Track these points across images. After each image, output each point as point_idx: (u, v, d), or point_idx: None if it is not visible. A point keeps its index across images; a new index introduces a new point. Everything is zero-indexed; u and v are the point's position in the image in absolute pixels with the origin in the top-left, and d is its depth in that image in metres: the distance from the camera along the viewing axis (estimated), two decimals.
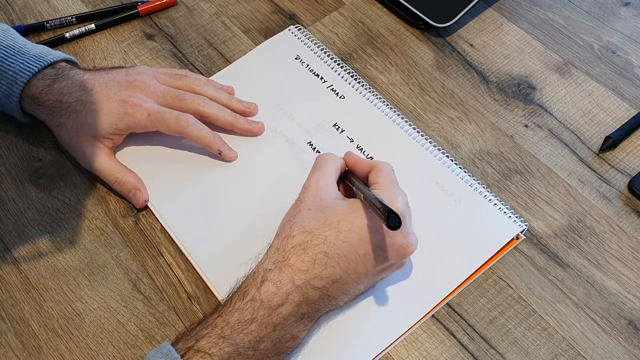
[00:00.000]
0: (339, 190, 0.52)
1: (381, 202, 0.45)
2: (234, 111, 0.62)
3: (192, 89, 0.61)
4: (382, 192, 0.49)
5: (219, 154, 0.59)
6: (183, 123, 0.57)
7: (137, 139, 0.62)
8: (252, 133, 0.62)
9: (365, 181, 0.52)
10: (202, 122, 0.59)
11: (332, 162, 0.52)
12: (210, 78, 0.67)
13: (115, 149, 0.61)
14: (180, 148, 0.62)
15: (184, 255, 0.56)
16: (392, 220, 0.43)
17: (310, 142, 0.62)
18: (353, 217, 0.48)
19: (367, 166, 0.52)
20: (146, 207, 0.59)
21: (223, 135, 0.61)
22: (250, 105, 0.63)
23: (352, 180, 0.52)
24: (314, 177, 0.51)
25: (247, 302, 0.46)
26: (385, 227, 0.44)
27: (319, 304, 0.48)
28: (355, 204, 0.49)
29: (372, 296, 0.52)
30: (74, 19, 0.72)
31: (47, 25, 0.71)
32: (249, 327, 0.45)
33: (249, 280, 0.47)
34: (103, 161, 0.58)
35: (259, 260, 0.49)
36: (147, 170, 0.60)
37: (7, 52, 0.59)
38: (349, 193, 0.53)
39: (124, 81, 0.58)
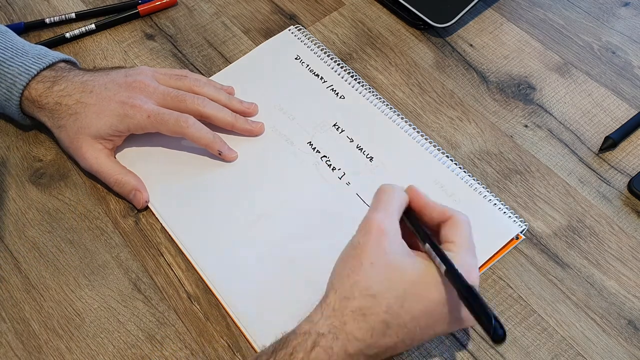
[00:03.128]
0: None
1: (484, 307, 0.39)
2: (234, 111, 0.62)
3: (192, 90, 0.61)
4: (457, 257, 0.43)
5: (219, 154, 0.59)
6: (183, 124, 0.57)
7: (137, 140, 0.62)
8: (252, 133, 0.62)
9: (433, 229, 0.47)
10: (202, 123, 0.59)
11: (398, 198, 0.46)
12: (210, 78, 0.67)
13: (116, 149, 0.61)
14: (181, 149, 0.62)
15: (184, 255, 0.56)
16: (497, 333, 0.37)
17: (310, 142, 0.62)
18: (422, 288, 0.42)
19: (440, 214, 0.47)
20: (147, 207, 0.59)
21: (223, 136, 0.61)
22: (250, 106, 0.63)
23: (425, 237, 0.45)
24: (378, 216, 0.44)
25: None
26: (463, 314, 0.42)
27: None
28: (427, 271, 0.43)
29: None
30: (74, 16, 0.72)
31: (47, 21, 0.71)
32: None
33: (299, 340, 0.42)
34: (103, 162, 0.58)
35: (312, 315, 0.44)
36: (147, 170, 0.60)
37: (5, 54, 0.58)
38: (406, 234, 0.46)
39: (123, 82, 0.58)
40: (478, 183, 0.58)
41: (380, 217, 0.44)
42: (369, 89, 0.65)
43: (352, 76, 0.66)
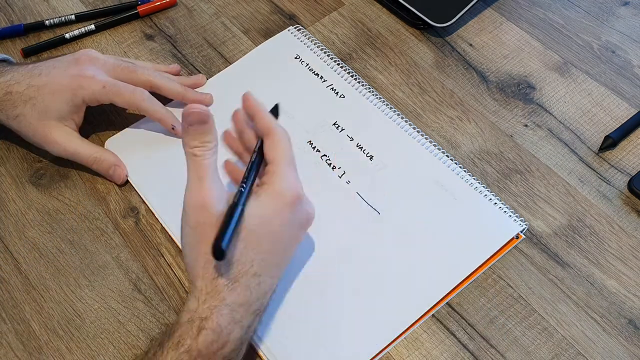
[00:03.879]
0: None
1: (225, 227, 0.42)
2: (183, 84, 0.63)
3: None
4: (276, 175, 0.47)
5: (172, 129, 0.60)
6: (138, 96, 0.58)
7: (138, 141, 0.62)
8: (203, 103, 0.63)
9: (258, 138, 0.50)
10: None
11: (210, 158, 0.47)
12: (210, 79, 0.67)
13: (120, 154, 0.61)
14: (181, 149, 0.61)
15: None
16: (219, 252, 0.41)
17: (310, 141, 0.62)
18: (266, 226, 0.46)
19: (263, 128, 0.49)
20: (127, 182, 0.59)
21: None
22: (198, 78, 0.65)
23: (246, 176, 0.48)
24: (194, 192, 0.46)
25: (182, 353, 0.42)
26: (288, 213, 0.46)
27: (260, 310, 0.47)
28: (259, 209, 0.46)
29: (371, 295, 0.52)
30: (73, 17, 0.72)
31: (47, 23, 0.71)
32: None
33: (184, 328, 0.43)
34: (77, 144, 0.58)
35: (188, 305, 0.44)
36: (148, 170, 0.60)
37: None
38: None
39: (71, 59, 0.58)
40: (478, 182, 0.58)
41: (201, 189, 0.46)
42: (369, 88, 0.65)
43: (352, 76, 0.66)
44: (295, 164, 0.49)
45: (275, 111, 0.54)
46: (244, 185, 0.46)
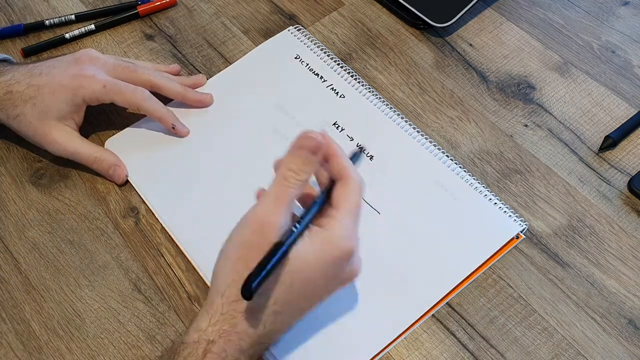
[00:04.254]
0: None
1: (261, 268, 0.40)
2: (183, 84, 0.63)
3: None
4: (337, 223, 0.43)
5: (173, 128, 0.60)
6: (139, 96, 0.58)
7: (138, 141, 0.62)
8: (203, 103, 0.63)
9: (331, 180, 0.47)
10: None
11: (295, 187, 0.44)
12: (210, 79, 0.67)
13: (120, 154, 0.61)
14: (181, 149, 0.62)
15: (185, 255, 0.56)
16: (247, 290, 0.39)
17: None
18: (305, 272, 0.43)
19: (338, 170, 0.46)
20: (126, 181, 0.59)
21: (232, 144, 0.61)
22: (198, 78, 0.65)
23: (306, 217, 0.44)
24: (266, 211, 0.43)
25: None
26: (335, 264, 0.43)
27: (269, 344, 0.46)
28: (305, 253, 0.43)
29: (371, 295, 0.52)
30: (73, 17, 0.72)
31: (47, 23, 0.71)
32: None
33: (189, 350, 0.42)
34: (77, 144, 0.58)
35: (199, 322, 0.43)
36: (148, 170, 0.60)
37: None
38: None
39: (71, 59, 0.59)
40: (478, 182, 0.58)
41: (269, 211, 0.43)
42: (369, 88, 0.65)
43: (352, 76, 0.66)
44: (359, 218, 0.45)
45: (356, 157, 0.51)
46: (297, 225, 0.42)
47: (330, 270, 0.43)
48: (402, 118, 0.62)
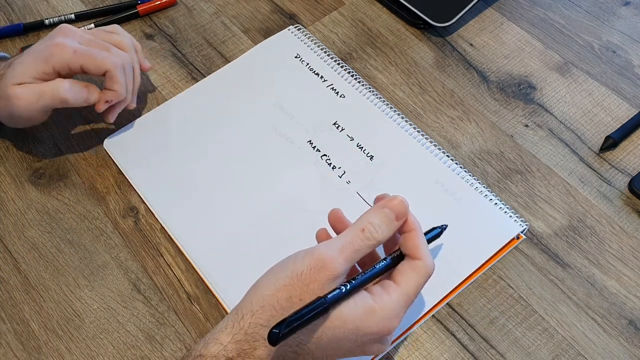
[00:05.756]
0: None
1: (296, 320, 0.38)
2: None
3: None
4: (389, 300, 0.42)
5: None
6: (112, 60, 0.57)
7: (137, 141, 0.61)
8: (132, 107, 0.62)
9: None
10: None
11: (366, 243, 0.43)
12: (209, 76, 0.67)
13: (119, 154, 0.60)
14: (181, 149, 0.62)
15: (184, 255, 0.56)
16: (273, 335, 0.38)
17: (310, 140, 0.62)
18: (339, 329, 0.41)
19: (412, 248, 0.44)
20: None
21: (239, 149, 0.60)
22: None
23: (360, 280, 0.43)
24: (333, 255, 0.41)
25: None
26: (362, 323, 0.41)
27: None
28: (345, 312, 0.42)
29: None
30: (73, 16, 0.72)
31: (46, 22, 0.71)
32: None
33: None
34: (37, 88, 0.56)
35: (220, 335, 0.41)
36: (148, 170, 0.60)
37: None
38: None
39: (47, 36, 0.58)
40: (479, 182, 0.58)
41: (335, 256, 0.41)
42: (369, 88, 0.65)
43: (352, 75, 0.65)
44: (411, 304, 0.44)
45: (435, 236, 0.49)
46: (347, 285, 0.41)
47: (360, 340, 0.42)
48: (402, 118, 0.62)
